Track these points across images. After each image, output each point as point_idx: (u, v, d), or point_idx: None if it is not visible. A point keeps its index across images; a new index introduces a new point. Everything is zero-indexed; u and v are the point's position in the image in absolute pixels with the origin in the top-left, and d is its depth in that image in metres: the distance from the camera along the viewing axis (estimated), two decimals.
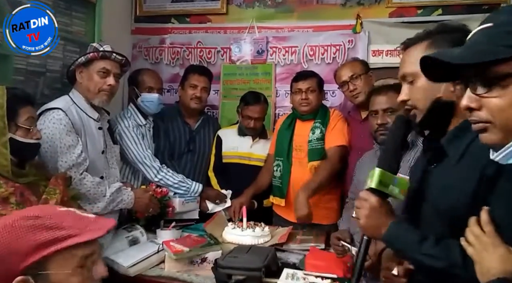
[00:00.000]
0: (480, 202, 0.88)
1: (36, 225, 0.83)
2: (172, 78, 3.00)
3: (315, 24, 2.73)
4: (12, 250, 0.81)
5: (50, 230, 0.84)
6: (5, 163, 1.32)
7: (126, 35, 3.01)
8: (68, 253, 0.85)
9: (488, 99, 0.72)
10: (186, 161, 2.38)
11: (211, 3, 2.91)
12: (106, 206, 1.79)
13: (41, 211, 0.89)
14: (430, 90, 1.00)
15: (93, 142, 1.84)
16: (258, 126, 2.39)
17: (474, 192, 0.90)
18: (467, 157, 0.95)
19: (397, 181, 1.02)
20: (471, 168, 0.92)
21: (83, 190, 1.70)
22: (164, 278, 1.59)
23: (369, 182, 1.02)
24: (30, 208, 1.05)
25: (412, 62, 1.01)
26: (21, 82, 1.92)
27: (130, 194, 1.89)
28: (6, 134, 1.33)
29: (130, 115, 2.24)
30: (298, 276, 1.53)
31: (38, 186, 1.43)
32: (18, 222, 0.83)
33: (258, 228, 1.94)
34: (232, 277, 1.48)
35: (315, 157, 2.17)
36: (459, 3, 2.49)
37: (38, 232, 0.83)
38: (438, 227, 0.98)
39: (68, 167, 1.66)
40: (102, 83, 1.83)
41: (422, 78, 0.97)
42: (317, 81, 2.21)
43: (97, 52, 1.83)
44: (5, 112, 1.33)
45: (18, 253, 0.81)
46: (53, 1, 2.10)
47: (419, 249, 0.94)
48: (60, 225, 0.85)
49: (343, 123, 2.21)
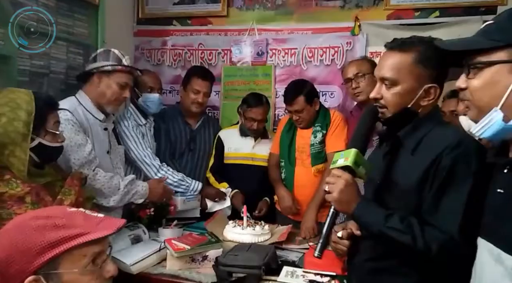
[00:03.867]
0: (428, 186, 1.06)
1: (47, 225, 0.84)
2: (173, 79, 3.03)
3: (314, 26, 2.76)
4: (23, 250, 0.81)
5: (60, 229, 0.84)
6: (22, 168, 1.32)
7: (128, 37, 3.05)
8: (78, 252, 0.85)
9: (470, 80, 0.88)
10: (187, 160, 2.41)
11: (212, 6, 2.95)
12: (122, 199, 1.82)
13: (51, 211, 0.90)
14: (403, 99, 1.13)
15: (99, 142, 1.87)
16: (261, 128, 2.42)
17: (422, 177, 1.07)
18: (421, 148, 1.11)
19: (366, 163, 1.13)
20: (424, 157, 1.08)
21: (98, 185, 1.73)
22: (166, 275, 1.60)
23: (342, 160, 1.11)
24: (41, 209, 1.05)
25: (396, 69, 1.12)
26: (25, 84, 1.94)
27: (144, 185, 1.92)
28: (28, 140, 1.33)
29: (130, 115, 2.25)
30: (297, 274, 1.56)
31: (55, 186, 1.44)
32: (28, 222, 0.84)
33: (258, 226, 1.97)
34: (232, 275, 1.50)
35: (319, 161, 2.22)
36: (457, 5, 2.51)
37: (48, 231, 0.83)
38: (395, 209, 1.11)
39: (80, 164, 1.69)
40: (119, 94, 1.88)
41: (400, 86, 1.12)
42: (304, 99, 2.16)
43: (124, 67, 1.88)
44: (32, 119, 1.33)
45: (30, 253, 0.81)
46: (55, 3, 2.13)
47: (385, 223, 1.07)
48: (70, 224, 0.86)
49: (344, 126, 2.24)
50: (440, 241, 1.02)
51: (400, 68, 1.12)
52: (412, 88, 1.12)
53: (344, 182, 1.08)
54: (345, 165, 1.09)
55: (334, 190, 1.10)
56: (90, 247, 0.86)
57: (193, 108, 2.38)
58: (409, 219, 1.06)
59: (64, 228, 0.84)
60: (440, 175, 1.05)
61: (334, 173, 1.12)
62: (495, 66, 0.84)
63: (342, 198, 1.09)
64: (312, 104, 2.21)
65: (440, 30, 2.46)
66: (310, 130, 2.25)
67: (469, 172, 1.02)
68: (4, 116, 1.31)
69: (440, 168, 1.05)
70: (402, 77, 1.12)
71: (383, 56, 1.19)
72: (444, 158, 1.04)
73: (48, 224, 0.84)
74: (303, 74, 2.74)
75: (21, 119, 1.32)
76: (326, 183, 1.12)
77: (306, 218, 2.09)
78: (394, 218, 1.07)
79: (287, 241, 1.95)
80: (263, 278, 1.51)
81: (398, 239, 1.05)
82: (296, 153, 2.29)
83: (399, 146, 1.17)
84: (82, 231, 0.85)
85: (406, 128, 1.16)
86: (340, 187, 1.09)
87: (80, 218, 0.89)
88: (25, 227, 0.83)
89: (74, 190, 1.46)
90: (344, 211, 1.13)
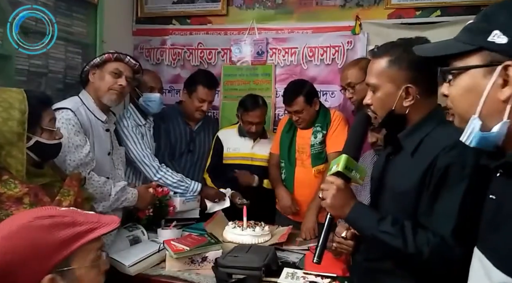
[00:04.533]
0: (426, 188, 1.06)
1: (56, 223, 0.84)
2: (173, 79, 3.02)
3: (315, 25, 2.74)
4: (37, 250, 0.81)
5: (70, 226, 0.85)
6: (20, 168, 1.31)
7: (127, 37, 3.03)
8: (88, 247, 0.87)
9: (450, 87, 0.83)
10: (186, 161, 2.40)
11: (211, 5, 2.93)
12: (111, 205, 1.81)
13: (49, 211, 0.89)
14: (385, 102, 1.16)
15: (100, 143, 1.86)
16: (259, 130, 2.41)
17: (421, 179, 1.07)
18: (420, 149, 1.11)
19: (358, 167, 1.16)
20: (423, 159, 1.08)
21: (90, 189, 1.72)
22: (165, 277, 1.59)
23: (335, 167, 1.15)
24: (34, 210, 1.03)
25: (375, 75, 1.17)
26: (23, 83, 1.94)
27: (134, 192, 1.92)
28: (24, 140, 1.33)
29: (130, 115, 2.25)
30: (298, 275, 1.54)
31: (53, 186, 1.43)
32: (35, 222, 0.83)
33: (258, 227, 1.95)
34: (232, 276, 1.49)
35: (319, 161, 2.21)
36: (458, 4, 2.49)
37: (59, 229, 0.83)
38: (393, 211, 1.11)
39: (75, 166, 1.67)
40: (113, 83, 1.86)
41: (381, 91, 1.16)
42: (303, 99, 2.14)
43: (111, 54, 1.87)
44: (26, 118, 1.32)
45: (44, 253, 0.81)
46: (54, 2, 2.12)
47: (378, 227, 1.08)
48: (77, 221, 0.87)
49: (344, 125, 2.22)
50: (432, 244, 1.01)
51: (378, 73, 1.16)
52: (390, 91, 1.14)
53: (335, 188, 1.11)
54: (337, 170, 1.13)
55: (327, 196, 1.13)
56: (96, 242, 0.89)
57: (196, 115, 2.39)
58: (402, 223, 1.06)
59: (74, 225, 0.86)
60: (435, 177, 1.04)
61: (327, 179, 1.16)
62: (469, 72, 0.78)
63: (335, 204, 1.12)
64: (311, 105, 2.20)
65: (441, 30, 2.45)
66: (310, 130, 2.24)
67: (464, 173, 1.01)
68: None
69: (435, 170, 1.04)
70: (381, 82, 1.15)
71: (369, 64, 1.23)
72: (440, 159, 1.04)
73: (57, 222, 0.84)
74: (304, 74, 2.73)
75: (15, 119, 1.31)
76: (321, 190, 1.16)
77: (306, 219, 2.08)
78: (387, 221, 1.07)
79: (287, 242, 1.94)
80: (263, 280, 1.50)
81: (390, 243, 1.05)
82: (296, 153, 2.28)
83: (400, 148, 1.17)
84: (91, 226, 0.88)
85: (405, 130, 1.16)
86: (332, 193, 1.12)
87: (80, 215, 0.90)
88: (34, 227, 0.83)
89: (73, 191, 1.45)
90: (338, 216, 1.16)
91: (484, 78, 0.75)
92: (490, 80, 0.74)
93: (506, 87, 0.72)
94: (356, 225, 1.16)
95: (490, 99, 0.74)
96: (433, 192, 1.05)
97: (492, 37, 0.73)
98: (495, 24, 0.74)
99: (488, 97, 0.74)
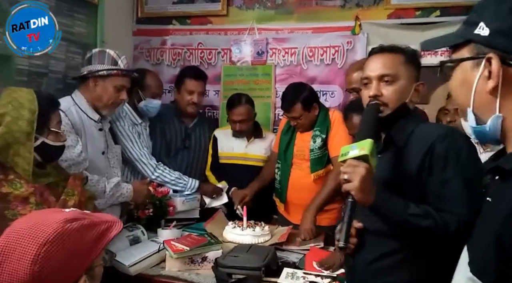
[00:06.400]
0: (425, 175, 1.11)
1: (82, 226, 0.86)
2: (173, 79, 2.98)
3: (314, 25, 2.74)
4: (78, 254, 0.83)
5: (93, 227, 0.87)
6: (27, 167, 1.32)
7: (127, 37, 3.03)
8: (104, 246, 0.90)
9: (450, 81, 0.84)
10: (182, 158, 2.41)
11: (211, 5, 2.93)
12: (107, 201, 1.82)
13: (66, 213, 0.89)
14: (403, 93, 1.20)
15: (93, 142, 1.86)
16: (244, 129, 2.37)
17: (419, 166, 1.11)
18: (412, 143, 1.17)
19: (375, 155, 1.12)
20: (416, 150, 1.13)
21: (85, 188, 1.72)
22: (164, 277, 1.60)
23: (357, 151, 1.07)
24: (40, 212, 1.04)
25: (393, 67, 1.20)
26: (23, 83, 1.94)
27: (128, 187, 1.93)
28: (32, 139, 1.33)
29: (125, 115, 2.23)
30: (298, 275, 1.55)
31: (57, 186, 1.43)
32: (68, 227, 0.83)
33: (258, 227, 1.96)
34: (232, 276, 1.49)
35: (318, 166, 2.17)
36: (457, 4, 2.48)
37: (86, 232, 0.86)
38: None
39: (67, 166, 1.67)
40: (116, 98, 1.87)
41: (399, 83, 1.19)
42: (301, 107, 2.09)
43: (120, 70, 1.87)
44: (35, 118, 1.33)
45: (83, 256, 0.84)
46: (55, 2, 2.12)
47: (406, 211, 1.08)
48: (93, 222, 0.89)
49: (345, 127, 2.20)
50: (457, 220, 1.05)
51: (396, 66, 1.21)
52: (407, 85, 1.21)
53: (365, 170, 1.04)
54: (362, 154, 1.05)
55: (354, 178, 1.04)
56: None
57: (189, 109, 2.39)
58: (421, 205, 1.09)
59: (94, 226, 0.88)
60: (437, 163, 1.10)
61: (350, 163, 1.07)
62: (461, 64, 0.78)
63: (364, 186, 1.04)
64: (310, 111, 2.14)
65: (441, 30, 2.45)
66: (310, 133, 2.20)
67: (464, 157, 1.09)
68: (8, 116, 1.30)
69: (435, 156, 1.10)
70: (400, 74, 1.20)
71: (374, 59, 1.25)
72: (437, 146, 1.10)
73: (83, 224, 0.86)
74: (304, 74, 2.73)
75: (25, 118, 1.31)
76: (343, 172, 1.07)
77: (304, 220, 2.05)
78: (411, 205, 1.09)
79: (287, 242, 1.94)
80: (263, 280, 1.50)
81: (421, 224, 1.06)
82: (293, 155, 2.25)
83: (391, 143, 1.22)
84: (107, 226, 0.90)
85: (396, 126, 1.21)
86: (361, 174, 1.03)
87: (91, 216, 0.92)
88: (70, 230, 0.83)
89: (77, 190, 1.46)
90: (363, 200, 1.07)
91: (472, 70, 0.75)
92: (478, 72, 0.74)
93: (490, 80, 0.72)
94: (383, 210, 1.11)
95: (480, 92, 0.75)
96: (440, 178, 1.10)
97: (478, 29, 0.74)
98: (481, 16, 0.74)
99: (477, 90, 0.75)
